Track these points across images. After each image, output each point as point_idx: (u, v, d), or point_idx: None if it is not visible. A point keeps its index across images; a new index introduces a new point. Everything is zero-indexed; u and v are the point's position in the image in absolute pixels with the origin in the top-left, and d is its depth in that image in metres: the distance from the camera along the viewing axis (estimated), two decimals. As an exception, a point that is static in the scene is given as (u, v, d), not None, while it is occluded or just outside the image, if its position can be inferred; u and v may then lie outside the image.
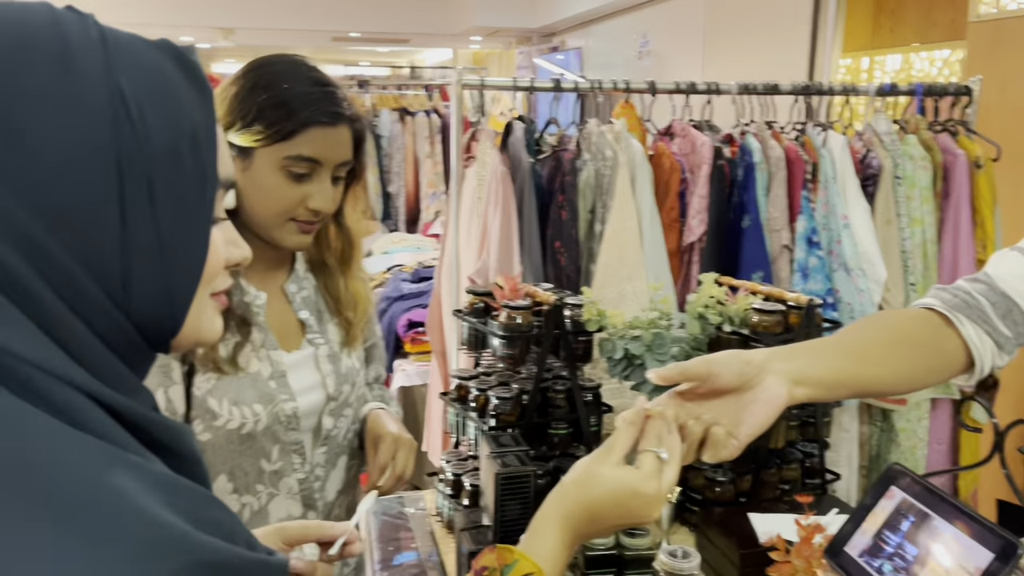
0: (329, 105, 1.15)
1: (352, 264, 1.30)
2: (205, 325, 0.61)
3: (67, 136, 0.49)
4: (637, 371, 1.60)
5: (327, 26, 9.69)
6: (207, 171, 0.56)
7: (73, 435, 0.48)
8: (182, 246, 0.55)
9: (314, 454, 1.23)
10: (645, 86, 2.21)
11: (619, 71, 6.80)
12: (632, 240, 2.04)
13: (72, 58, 0.50)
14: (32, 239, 0.49)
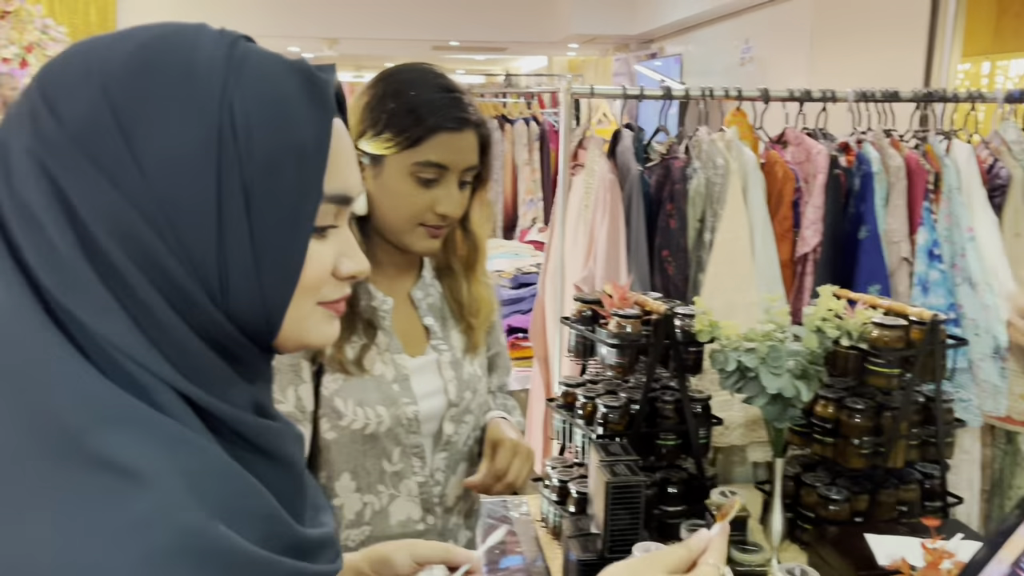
0: (456, 111, 1.17)
1: (477, 269, 1.31)
2: (311, 331, 0.63)
3: (175, 145, 0.53)
4: (750, 384, 1.56)
5: (428, 35, 9.86)
6: (310, 186, 0.58)
7: (147, 412, 0.52)
8: (277, 255, 0.57)
9: (434, 459, 1.25)
10: (758, 93, 2.17)
11: (719, 78, 6.68)
12: (743, 250, 2.00)
13: (194, 75, 0.55)
14: (137, 237, 0.53)
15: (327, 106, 0.59)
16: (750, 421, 1.98)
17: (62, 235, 0.53)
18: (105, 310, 0.53)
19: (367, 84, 1.21)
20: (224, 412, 0.56)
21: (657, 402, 1.71)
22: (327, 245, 0.61)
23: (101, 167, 0.53)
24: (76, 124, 0.53)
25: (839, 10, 4.93)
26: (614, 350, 1.67)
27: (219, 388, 0.57)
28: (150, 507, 0.49)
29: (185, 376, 0.55)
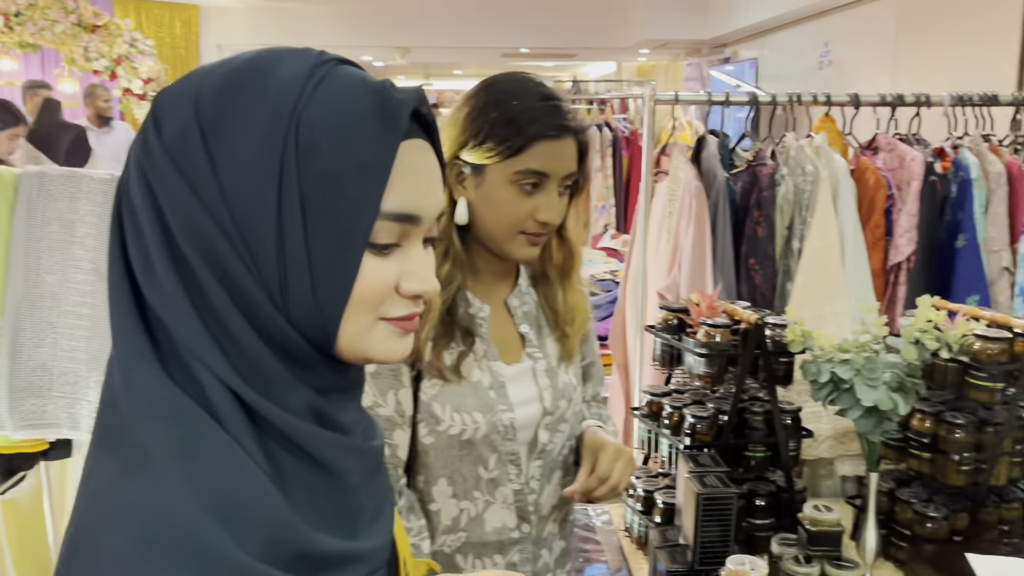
0: (556, 118, 1.17)
1: (572, 276, 1.31)
2: (373, 346, 0.63)
3: (245, 156, 0.57)
4: (844, 396, 1.53)
5: (498, 43, 9.92)
6: (367, 202, 0.59)
7: (186, 408, 0.56)
8: (331, 267, 0.59)
9: (529, 466, 1.25)
10: (847, 98, 2.12)
11: (796, 82, 6.55)
12: (833, 258, 1.95)
13: (270, 92, 0.58)
14: (209, 242, 0.57)
15: (396, 126, 0.60)
16: (839, 434, 1.93)
17: (153, 238, 0.58)
18: (179, 308, 0.57)
19: (466, 95, 1.22)
20: (273, 414, 0.58)
21: (746, 413, 1.69)
22: (388, 262, 0.62)
23: (186, 177, 0.57)
24: (170, 138, 0.58)
25: (926, 9, 4.79)
26: (703, 359, 1.65)
27: (276, 391, 0.59)
28: (139, 493, 0.54)
29: (241, 376, 0.58)
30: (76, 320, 2.06)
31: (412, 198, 0.62)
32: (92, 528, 0.54)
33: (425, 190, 0.64)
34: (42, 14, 6.99)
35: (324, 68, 0.60)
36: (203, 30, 9.04)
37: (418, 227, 0.63)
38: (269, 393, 0.59)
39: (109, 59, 7.40)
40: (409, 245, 0.63)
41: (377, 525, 0.68)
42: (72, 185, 2.04)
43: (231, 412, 0.57)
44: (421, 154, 0.64)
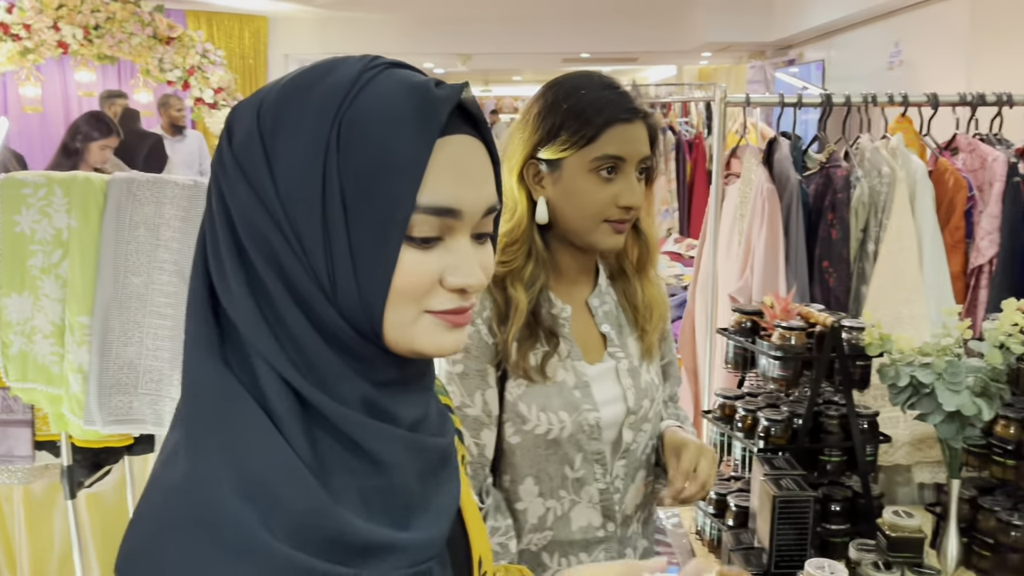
0: (625, 102, 1.19)
1: (648, 271, 1.31)
2: (419, 339, 0.64)
3: (296, 157, 0.60)
4: (924, 401, 1.50)
5: (558, 48, 9.94)
6: (403, 197, 0.61)
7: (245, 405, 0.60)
8: (371, 260, 0.61)
9: (614, 466, 1.26)
10: (925, 98, 2.08)
11: (865, 83, 6.42)
12: (911, 261, 1.92)
13: (318, 97, 0.61)
14: (267, 238, 0.60)
15: (432, 123, 0.62)
16: (917, 440, 1.90)
17: (224, 239, 0.62)
18: (243, 304, 0.61)
19: (533, 98, 1.24)
20: (323, 404, 0.61)
21: (821, 417, 1.67)
22: (430, 255, 0.63)
23: (249, 180, 0.61)
24: (238, 146, 0.63)
25: (1002, 6, 4.65)
26: (777, 362, 1.64)
27: (330, 382, 0.62)
28: (182, 473, 0.59)
29: (296, 367, 0.61)
30: (160, 320, 2.14)
31: (451, 192, 0.63)
32: (146, 502, 0.61)
33: (467, 184, 0.64)
34: (120, 27, 7.26)
35: (372, 72, 0.63)
36: (271, 40, 9.27)
37: (460, 221, 0.64)
38: (323, 384, 0.62)
39: (182, 70, 7.64)
40: (453, 239, 0.65)
41: (431, 518, 0.68)
42: (157, 190, 2.12)
43: (280, 401, 0.60)
44: (465, 149, 0.65)
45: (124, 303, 2.09)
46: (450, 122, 0.63)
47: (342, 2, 8.20)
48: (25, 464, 2.26)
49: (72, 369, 2.07)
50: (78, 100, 7.95)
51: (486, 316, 1.22)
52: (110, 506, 2.84)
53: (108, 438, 2.23)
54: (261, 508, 0.58)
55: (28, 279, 2.05)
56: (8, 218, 2.04)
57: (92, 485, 2.53)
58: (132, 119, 5.82)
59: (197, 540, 0.57)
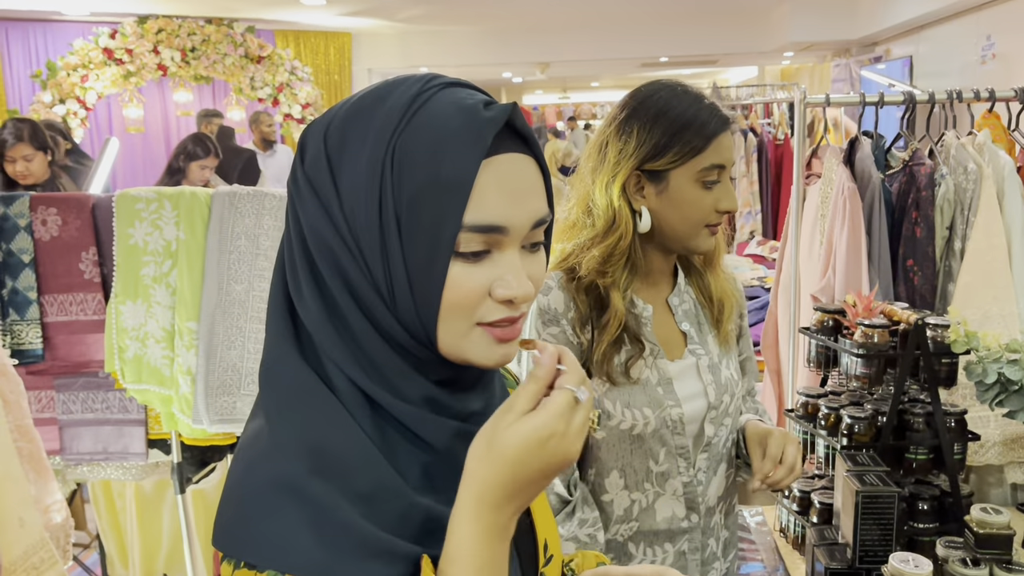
0: (720, 113, 1.26)
1: (717, 263, 1.36)
2: (471, 350, 0.68)
3: (358, 176, 0.66)
4: (1013, 398, 1.49)
5: (637, 53, 9.91)
6: (450, 216, 0.64)
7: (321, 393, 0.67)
8: (421, 275, 0.65)
9: (697, 459, 1.30)
10: (1012, 93, 2.04)
11: (956, 79, 6.22)
12: (1000, 259, 1.89)
13: (378, 118, 0.66)
14: (334, 251, 0.66)
15: (479, 144, 0.65)
16: (1009, 440, 1.87)
17: (299, 253, 0.68)
18: (312, 307, 0.68)
19: (622, 108, 1.28)
20: (387, 401, 0.67)
21: (906, 415, 1.67)
22: (479, 269, 0.67)
23: (319, 197, 0.67)
24: (309, 165, 0.69)
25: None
26: (860, 360, 1.65)
27: (394, 382, 0.68)
28: (265, 450, 0.65)
29: (363, 369, 0.67)
30: (260, 325, 2.27)
31: (498, 210, 0.66)
32: (234, 476, 0.67)
33: (514, 202, 0.68)
34: (214, 48, 7.62)
35: (427, 93, 0.67)
36: (355, 56, 9.54)
37: (508, 236, 0.67)
38: (387, 384, 0.67)
39: (272, 87, 7.97)
40: (501, 252, 0.68)
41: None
42: (257, 202, 2.25)
43: (351, 397, 0.67)
44: (513, 167, 0.68)
45: (227, 309, 2.22)
46: (499, 141, 0.67)
47: (422, 16, 8.39)
48: (139, 461, 2.42)
49: (181, 371, 2.22)
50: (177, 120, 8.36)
51: (571, 317, 1.27)
52: (213, 502, 2.99)
53: (214, 437, 2.37)
54: (338, 483, 0.63)
55: (141, 288, 2.20)
56: (123, 231, 2.20)
57: (199, 482, 2.68)
58: (227, 136, 6.10)
59: (280, 508, 0.63)
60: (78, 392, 2.33)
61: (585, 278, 1.26)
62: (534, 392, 0.66)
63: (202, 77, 7.85)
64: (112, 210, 2.19)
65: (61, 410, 2.33)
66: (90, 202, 2.23)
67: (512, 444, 0.64)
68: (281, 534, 0.62)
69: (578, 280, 1.27)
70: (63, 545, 2.22)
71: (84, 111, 7.17)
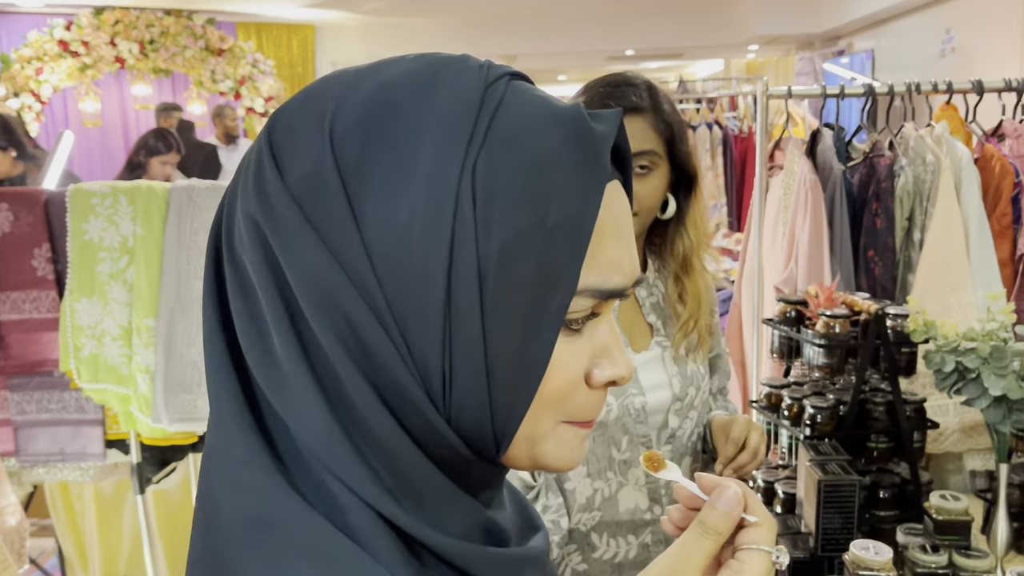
0: (613, 100, 1.22)
1: (693, 262, 1.34)
2: (550, 454, 0.50)
3: (404, 210, 0.44)
4: (970, 386, 1.51)
5: (602, 47, 9.95)
6: (563, 273, 0.45)
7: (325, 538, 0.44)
8: (515, 356, 0.45)
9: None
10: (969, 85, 2.07)
11: (917, 73, 6.31)
12: (957, 249, 1.91)
13: (433, 124, 0.44)
14: (350, 316, 0.44)
15: (598, 171, 0.46)
16: (967, 427, 1.89)
17: (273, 312, 0.45)
18: (308, 406, 0.45)
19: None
20: (429, 538, 0.46)
21: (867, 404, 1.68)
22: (581, 344, 0.49)
23: (320, 230, 0.44)
24: (299, 180, 0.45)
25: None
26: (821, 350, 1.66)
27: (433, 505, 0.47)
28: None
29: (390, 491, 0.45)
30: (221, 321, 2.23)
31: (614, 262, 0.48)
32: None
33: (628, 248, 0.50)
34: (173, 41, 7.50)
35: (498, 92, 0.46)
36: (319, 49, 9.45)
37: (616, 300, 0.50)
38: (425, 508, 0.47)
39: (234, 80, 7.86)
40: (601, 317, 0.50)
41: None
42: (216, 196, 2.21)
43: (377, 537, 0.45)
44: (619, 202, 0.50)
45: (187, 306, 2.19)
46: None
47: (387, 8, 8.33)
48: (97, 462, 2.37)
49: (140, 370, 2.18)
50: (135, 114, 8.21)
51: None
52: (176, 502, 2.95)
53: (174, 436, 2.34)
54: None
55: (97, 285, 2.16)
56: (77, 227, 2.15)
57: (159, 482, 2.64)
58: (187, 131, 6.01)
59: None
60: (33, 392, 2.28)
61: None
62: (711, 551, 0.49)
63: (161, 70, 7.72)
64: (65, 205, 2.14)
65: (15, 411, 2.28)
66: (42, 197, 2.17)
67: None
68: None
69: None
70: (18, 548, 2.17)
71: (39, 105, 7.01)
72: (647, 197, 1.25)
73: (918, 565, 1.37)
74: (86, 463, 2.39)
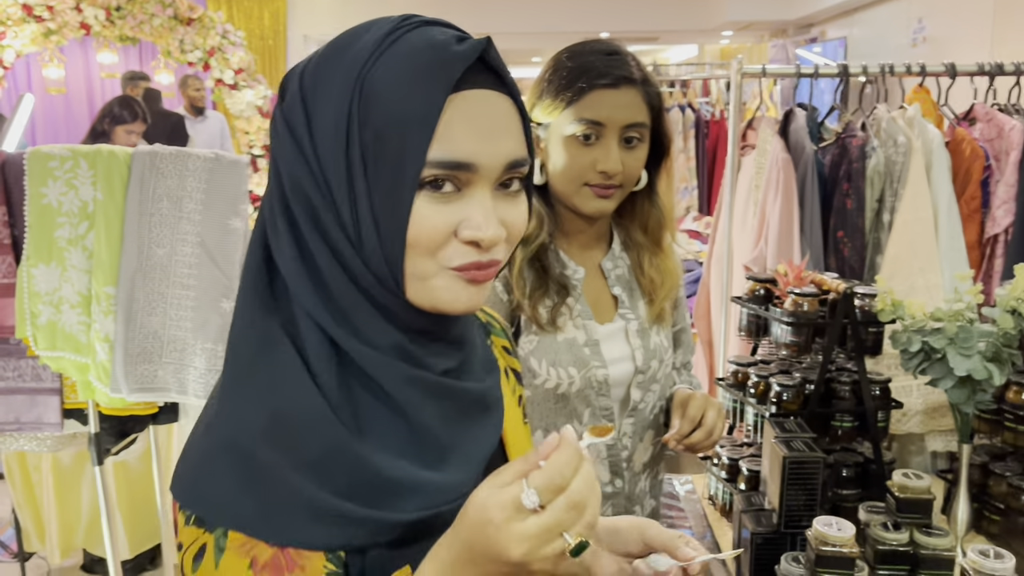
0: (613, 68, 1.19)
1: (662, 241, 1.33)
2: (440, 294, 0.66)
3: (328, 115, 0.64)
4: (936, 366, 1.51)
5: (577, 27, 9.87)
6: (415, 152, 0.62)
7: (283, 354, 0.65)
8: (386, 214, 0.63)
9: (622, 423, 1.29)
10: (943, 68, 2.07)
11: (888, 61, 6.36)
12: (926, 231, 1.92)
13: (348, 57, 0.64)
14: (305, 192, 0.64)
15: (445, 79, 0.63)
16: (930, 408, 1.91)
17: (275, 193, 0.67)
18: (287, 254, 0.66)
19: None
20: (353, 348, 0.65)
21: (833, 383, 1.69)
22: (446, 208, 0.64)
23: (294, 136, 0.65)
24: (286, 105, 0.67)
25: (1027, -18, 4.59)
26: (789, 328, 1.66)
27: (364, 332, 0.66)
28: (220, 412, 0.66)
29: (332, 315, 0.65)
30: (183, 291, 2.19)
31: (465, 146, 0.63)
32: (194, 433, 0.68)
33: (484, 139, 0.65)
34: (141, 8, 7.31)
35: (400, 31, 0.65)
36: (290, 21, 9.29)
37: (477, 174, 0.65)
38: (356, 332, 0.66)
39: (203, 51, 7.69)
40: (471, 192, 0.65)
41: (460, 460, 0.70)
42: (180, 163, 2.16)
43: (319, 351, 0.65)
44: (484, 103, 0.65)
45: (148, 274, 2.14)
46: (470, 77, 0.64)
47: (360, -18, 8.21)
48: (54, 431, 2.32)
49: (99, 338, 2.12)
50: (101, 82, 8.03)
51: (503, 274, 1.24)
52: (136, 474, 2.90)
53: (134, 406, 2.29)
54: (288, 450, 0.63)
55: (55, 250, 2.10)
56: (35, 190, 2.09)
57: (119, 453, 2.59)
58: (154, 100, 5.89)
59: (229, 471, 0.64)
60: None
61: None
62: (517, 471, 0.60)
63: (128, 38, 7.52)
64: (24, 168, 2.08)
65: (-31, 378, 2.22)
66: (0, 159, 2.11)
67: (467, 510, 0.60)
68: (229, 495, 0.63)
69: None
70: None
71: (1, 70, 6.82)
72: (634, 168, 1.23)
73: (879, 542, 1.38)
74: (43, 433, 2.34)
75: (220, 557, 0.62)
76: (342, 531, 0.64)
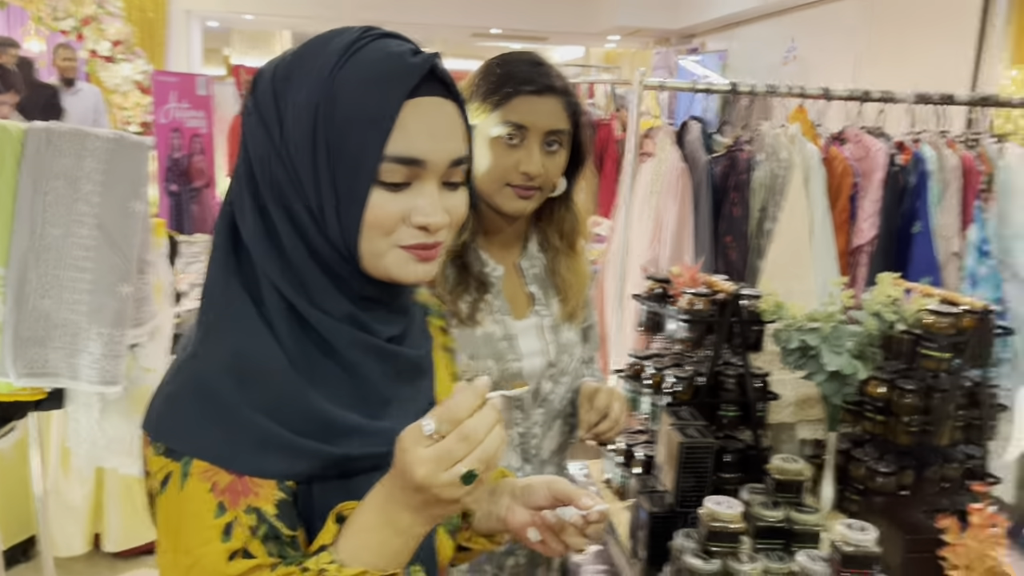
0: (537, 77, 1.28)
1: (576, 244, 1.42)
2: (392, 267, 0.77)
3: (298, 108, 0.74)
4: (811, 361, 1.69)
5: (469, 22, 9.95)
6: (371, 148, 0.73)
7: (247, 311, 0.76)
8: (346, 198, 0.74)
9: (533, 413, 1.38)
10: (820, 91, 2.28)
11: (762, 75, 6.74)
12: (802, 239, 2.11)
13: (318, 60, 0.75)
14: (274, 175, 0.75)
15: (402, 86, 0.74)
16: (801, 400, 2.10)
17: (244, 172, 0.77)
18: (253, 227, 0.76)
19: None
20: (309, 313, 0.76)
21: (720, 376, 1.84)
22: (398, 198, 0.75)
23: (264, 122, 0.75)
24: (259, 94, 0.77)
25: (891, 11, 4.99)
26: (684, 325, 1.79)
27: (319, 298, 0.76)
28: (189, 355, 0.76)
29: (291, 283, 0.75)
30: (79, 273, 2.12)
31: (416, 145, 0.75)
32: (167, 373, 0.78)
33: (434, 139, 0.76)
34: (9, -30, 6.86)
35: (364, 40, 0.76)
36: (172, -6, 8.92)
37: (426, 170, 0.76)
38: (312, 300, 0.76)
39: (76, 19, 7.28)
40: (420, 185, 0.77)
41: (398, 413, 0.80)
42: (78, 143, 2.09)
43: (276, 310, 0.76)
44: (434, 108, 0.77)
45: (41, 255, 2.07)
46: (423, 86, 0.76)
47: (249, -40, 7.97)
48: (-72, 415, 2.20)
49: (-13, 319, 2.04)
50: (-39, 46, 7.46)
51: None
52: (8, 464, 2.78)
53: (19, 392, 2.20)
54: (247, 388, 0.73)
55: (-59, 227, 2.00)
56: (-81, 163, 1.98)
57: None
58: (27, 69, 5.55)
59: (196, 404, 0.74)
60: None
61: None
62: (436, 413, 0.70)
63: (-6, 0, 7.05)
64: (-95, 139, 1.97)
65: None
66: None
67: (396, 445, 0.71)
68: (195, 429, 0.73)
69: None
70: None
71: None
72: (554, 172, 1.30)
73: (759, 519, 1.53)
74: (-86, 417, 2.21)
75: (185, 481, 0.72)
76: (293, 463, 0.74)
